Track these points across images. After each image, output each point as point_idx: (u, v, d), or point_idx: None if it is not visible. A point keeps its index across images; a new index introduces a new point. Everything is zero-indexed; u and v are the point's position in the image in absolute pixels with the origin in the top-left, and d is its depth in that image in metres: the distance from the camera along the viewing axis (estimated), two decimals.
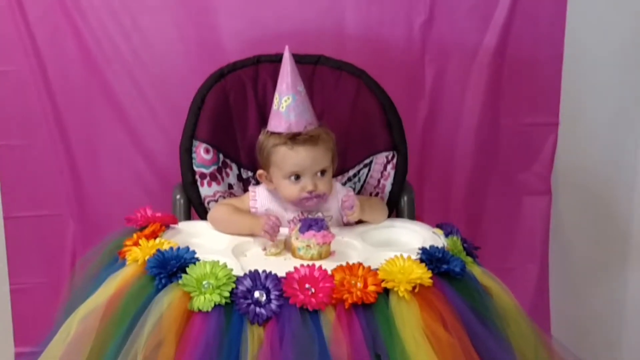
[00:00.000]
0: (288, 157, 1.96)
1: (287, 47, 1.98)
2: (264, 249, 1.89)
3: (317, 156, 1.95)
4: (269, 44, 2.33)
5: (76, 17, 2.46)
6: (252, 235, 1.93)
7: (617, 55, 2.64)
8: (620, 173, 2.72)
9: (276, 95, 1.99)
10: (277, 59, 2.20)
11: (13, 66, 2.50)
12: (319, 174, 1.96)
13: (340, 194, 2.06)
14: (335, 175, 2.10)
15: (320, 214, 2.03)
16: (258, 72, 2.25)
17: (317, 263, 1.67)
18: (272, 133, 1.98)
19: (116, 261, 1.78)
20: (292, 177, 1.96)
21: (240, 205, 2.05)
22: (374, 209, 2.06)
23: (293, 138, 1.95)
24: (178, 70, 2.51)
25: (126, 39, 2.49)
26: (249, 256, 1.87)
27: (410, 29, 2.52)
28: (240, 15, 2.48)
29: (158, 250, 1.71)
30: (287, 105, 1.96)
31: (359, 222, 2.04)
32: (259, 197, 2.06)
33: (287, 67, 1.97)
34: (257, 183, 2.17)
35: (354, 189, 2.17)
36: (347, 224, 2.05)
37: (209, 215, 2.05)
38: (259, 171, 2.06)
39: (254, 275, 1.61)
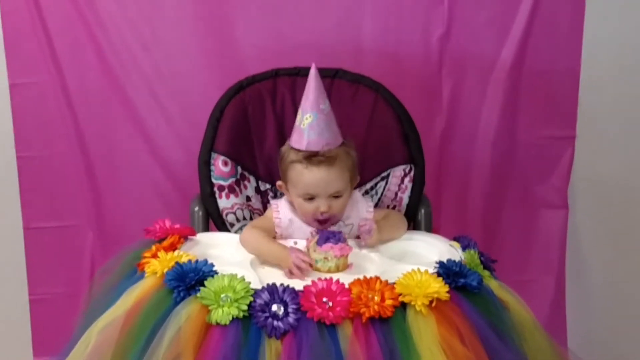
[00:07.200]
0: (303, 177, 1.96)
1: (313, 64, 1.97)
2: None
3: (331, 179, 1.95)
4: (287, 57, 2.35)
5: (96, 30, 2.48)
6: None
7: (635, 68, 2.63)
8: (638, 186, 2.71)
9: (300, 111, 1.98)
10: (294, 72, 2.23)
11: (33, 78, 2.53)
12: (333, 196, 1.97)
13: (360, 204, 2.07)
14: (353, 188, 2.09)
15: (341, 222, 2.03)
16: (276, 85, 2.25)
17: (335, 276, 1.67)
18: (292, 148, 1.99)
19: (135, 273, 1.79)
20: (306, 197, 1.97)
21: (266, 224, 2.04)
22: (393, 227, 2.05)
23: (310, 157, 1.94)
24: (197, 83, 2.52)
25: (145, 51, 2.51)
26: (266, 269, 1.87)
27: (428, 42, 2.53)
28: (259, 29, 2.50)
29: (177, 263, 1.72)
30: (308, 123, 1.95)
31: None
32: (282, 209, 2.06)
33: (311, 84, 1.96)
34: (275, 195, 2.18)
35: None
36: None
37: (240, 238, 2.00)
38: (279, 182, 2.07)
39: (271, 288, 1.61)
